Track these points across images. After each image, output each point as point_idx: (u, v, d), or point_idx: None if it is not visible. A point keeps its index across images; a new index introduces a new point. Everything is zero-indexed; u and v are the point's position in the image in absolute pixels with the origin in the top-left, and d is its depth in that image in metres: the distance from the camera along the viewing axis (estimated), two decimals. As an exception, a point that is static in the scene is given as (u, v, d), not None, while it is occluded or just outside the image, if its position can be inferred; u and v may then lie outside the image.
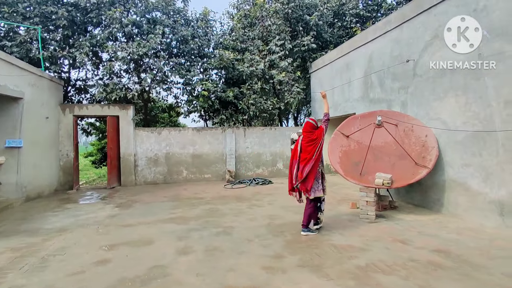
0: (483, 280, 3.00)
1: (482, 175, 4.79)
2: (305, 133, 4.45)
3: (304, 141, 4.41)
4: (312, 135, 4.40)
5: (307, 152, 4.34)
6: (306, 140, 4.40)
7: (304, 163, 4.33)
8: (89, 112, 9.38)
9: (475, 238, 4.18)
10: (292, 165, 4.52)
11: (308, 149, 4.34)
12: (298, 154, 4.41)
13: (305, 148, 4.37)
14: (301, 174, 4.33)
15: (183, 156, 10.06)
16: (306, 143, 4.39)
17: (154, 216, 5.66)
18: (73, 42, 9.21)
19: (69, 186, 8.97)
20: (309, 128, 4.45)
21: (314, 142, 4.37)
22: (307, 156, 4.32)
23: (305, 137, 4.43)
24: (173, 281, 3.09)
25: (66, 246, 4.12)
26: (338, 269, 3.28)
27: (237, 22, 12.74)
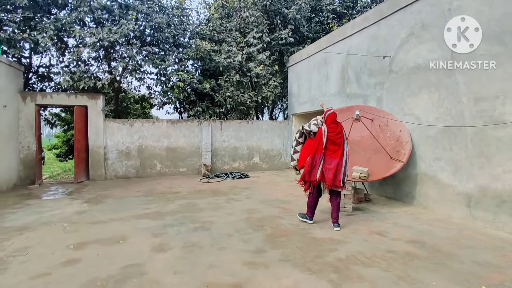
0: (457, 268, 3.12)
1: (452, 168, 5.02)
2: (331, 125, 4.36)
3: (333, 133, 4.31)
4: (337, 127, 4.37)
5: (337, 145, 4.28)
6: (335, 131, 4.32)
7: (339, 156, 4.27)
8: (54, 101, 8.72)
9: (445, 228, 4.38)
10: (315, 158, 4.35)
11: (338, 141, 4.29)
12: (323, 146, 4.28)
13: (335, 140, 4.29)
14: (339, 167, 4.26)
15: (157, 149, 9.70)
16: (336, 134, 4.31)
17: (127, 211, 5.38)
18: (35, 25, 8.46)
19: (30, 180, 8.32)
20: (335, 119, 4.41)
21: (341, 134, 4.36)
22: (338, 148, 4.28)
23: (332, 129, 4.33)
24: (150, 280, 2.92)
25: (29, 246, 3.78)
26: (320, 262, 3.28)
27: (214, 12, 12.41)
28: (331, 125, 4.37)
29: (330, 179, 4.26)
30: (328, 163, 4.30)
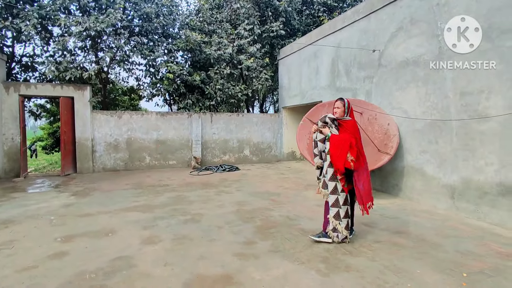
0: (440, 257, 3.23)
1: (437, 161, 5.15)
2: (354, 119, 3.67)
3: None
4: None
5: (360, 146, 3.56)
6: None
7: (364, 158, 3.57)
8: (39, 92, 8.48)
9: (430, 219, 4.51)
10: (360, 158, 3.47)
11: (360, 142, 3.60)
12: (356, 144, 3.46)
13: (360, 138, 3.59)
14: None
15: (146, 142, 9.58)
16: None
17: (115, 204, 5.32)
18: (17, 12, 8.15)
19: (15, 173, 8.13)
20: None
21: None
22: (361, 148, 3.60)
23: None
24: (139, 272, 2.91)
25: (14, 239, 3.71)
26: (309, 253, 3.33)
27: (205, 2, 12.19)
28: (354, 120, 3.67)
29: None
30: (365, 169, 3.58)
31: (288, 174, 8.40)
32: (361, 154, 3.49)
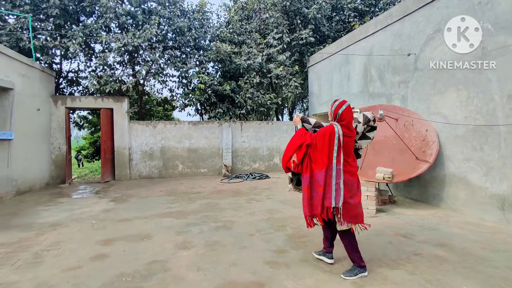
0: (489, 273, 2.97)
1: (483, 169, 4.78)
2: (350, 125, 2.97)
3: (350, 138, 2.95)
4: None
5: (349, 154, 2.94)
6: (349, 133, 2.93)
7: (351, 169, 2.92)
8: (82, 104, 9.14)
9: (476, 232, 4.17)
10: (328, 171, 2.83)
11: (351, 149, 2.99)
12: (335, 153, 2.83)
13: (348, 144, 2.92)
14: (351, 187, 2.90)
15: (179, 150, 9.91)
16: (349, 137, 2.93)
17: (151, 210, 5.53)
18: (65, 32, 8.92)
19: (61, 180, 8.76)
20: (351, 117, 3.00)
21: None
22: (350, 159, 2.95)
23: (349, 131, 2.93)
24: (174, 276, 2.99)
25: (61, 241, 3.97)
26: (343, 263, 3.22)
27: (234, 14, 12.53)
28: (348, 127, 2.92)
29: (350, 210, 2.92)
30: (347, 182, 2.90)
31: (319, 183, 8.23)
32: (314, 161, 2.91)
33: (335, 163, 2.82)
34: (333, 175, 2.81)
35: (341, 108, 2.93)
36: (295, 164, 2.98)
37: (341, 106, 2.94)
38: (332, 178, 2.81)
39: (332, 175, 2.81)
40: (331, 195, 2.80)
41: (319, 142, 2.89)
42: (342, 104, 2.95)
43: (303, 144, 2.94)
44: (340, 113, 2.93)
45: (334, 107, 2.98)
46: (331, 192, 2.80)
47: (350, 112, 2.95)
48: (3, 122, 6.79)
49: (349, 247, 2.97)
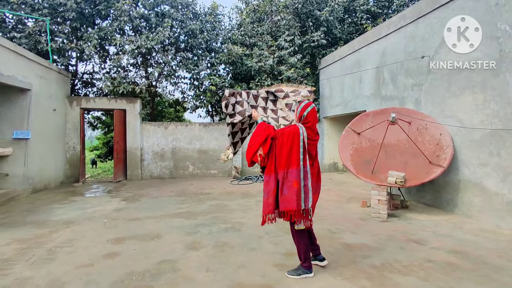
0: (505, 282, 2.87)
1: (499, 175, 4.64)
2: (314, 127, 2.95)
3: (313, 140, 2.93)
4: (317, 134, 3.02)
5: (312, 159, 2.94)
6: (315, 138, 2.95)
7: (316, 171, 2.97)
8: (96, 105, 9.34)
9: (492, 239, 4.05)
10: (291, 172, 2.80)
11: (314, 153, 2.96)
12: (301, 155, 2.79)
13: (312, 150, 2.92)
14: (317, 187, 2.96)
15: (190, 151, 9.99)
16: (314, 142, 2.94)
17: (161, 210, 5.59)
18: (81, 35, 9.16)
19: (75, 179, 8.96)
20: (316, 118, 2.99)
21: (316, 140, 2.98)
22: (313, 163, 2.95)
23: (312, 133, 2.92)
24: (183, 276, 3.00)
25: (74, 239, 4.06)
26: (353, 268, 3.17)
27: (246, 16, 12.59)
28: (313, 129, 2.92)
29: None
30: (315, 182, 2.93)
31: (330, 186, 8.16)
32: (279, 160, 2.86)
33: (302, 165, 2.79)
34: (301, 176, 2.78)
35: (306, 110, 2.90)
36: (262, 158, 2.93)
37: (306, 108, 2.91)
38: (301, 179, 2.78)
39: (300, 176, 2.78)
40: (300, 197, 2.77)
41: (284, 142, 2.84)
42: (307, 106, 2.92)
43: (267, 137, 2.90)
44: (306, 115, 2.90)
45: (300, 109, 2.95)
46: (301, 194, 2.77)
47: (315, 114, 2.93)
48: (20, 122, 7.01)
49: (303, 246, 2.94)
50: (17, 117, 6.99)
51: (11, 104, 6.97)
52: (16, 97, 6.99)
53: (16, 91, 6.91)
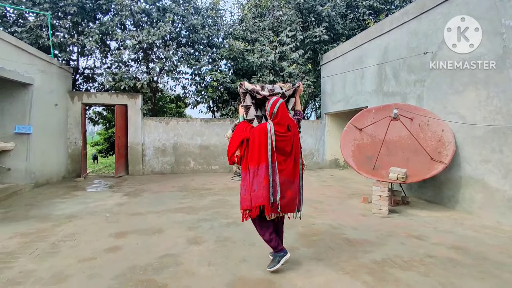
0: (506, 278, 2.88)
1: (502, 172, 4.64)
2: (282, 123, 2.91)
3: (283, 136, 2.89)
4: (291, 129, 2.96)
5: (287, 154, 2.92)
6: (287, 135, 2.91)
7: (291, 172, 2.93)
8: (98, 100, 9.33)
9: (493, 235, 4.06)
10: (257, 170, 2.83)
11: (288, 149, 2.91)
12: (269, 152, 2.81)
13: (284, 146, 2.90)
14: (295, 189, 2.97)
15: (191, 147, 10.00)
16: (286, 138, 2.91)
17: (163, 205, 5.62)
18: (82, 30, 9.12)
19: (76, 174, 8.99)
20: (287, 114, 2.98)
21: (293, 137, 2.96)
22: (288, 159, 2.93)
23: (281, 129, 2.89)
24: (185, 270, 3.03)
25: (76, 233, 4.08)
26: (354, 263, 3.19)
27: (248, 12, 12.52)
28: (281, 124, 2.89)
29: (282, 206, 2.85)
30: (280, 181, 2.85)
31: (331, 182, 8.17)
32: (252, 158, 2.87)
33: (270, 161, 2.82)
34: (269, 172, 2.81)
35: (276, 106, 2.91)
36: (239, 158, 2.99)
37: (275, 104, 2.91)
38: (269, 175, 2.80)
39: (269, 172, 2.80)
40: (269, 192, 2.79)
41: (254, 140, 2.87)
42: (275, 103, 2.92)
43: (244, 139, 2.93)
44: (275, 112, 2.90)
45: (269, 106, 2.95)
46: (269, 189, 2.79)
47: (284, 111, 2.93)
48: (22, 117, 7.01)
49: (268, 236, 2.97)
50: (19, 111, 7.00)
51: (13, 98, 6.97)
52: (18, 92, 6.99)
53: (17, 85, 6.90)
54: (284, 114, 2.93)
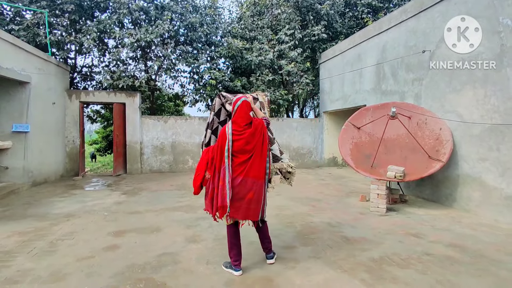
0: (503, 276, 2.90)
1: (499, 170, 4.66)
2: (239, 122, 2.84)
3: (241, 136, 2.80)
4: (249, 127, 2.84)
5: (248, 152, 2.80)
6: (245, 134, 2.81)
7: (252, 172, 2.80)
8: (96, 98, 9.30)
9: (490, 233, 4.08)
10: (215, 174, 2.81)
11: (249, 148, 2.79)
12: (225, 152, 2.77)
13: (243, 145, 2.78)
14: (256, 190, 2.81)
15: (189, 146, 9.99)
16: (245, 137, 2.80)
17: (161, 204, 5.61)
18: (80, 28, 9.08)
19: (74, 172, 8.96)
20: (247, 114, 2.87)
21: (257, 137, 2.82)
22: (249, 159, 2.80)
23: (239, 128, 2.82)
24: (183, 268, 3.03)
25: (74, 231, 4.08)
26: (352, 261, 3.20)
27: (246, 10, 12.49)
28: (239, 122, 2.82)
29: (241, 208, 2.77)
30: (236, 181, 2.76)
31: (329, 180, 8.19)
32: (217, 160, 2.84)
33: (227, 162, 2.76)
34: (226, 174, 2.74)
35: (236, 104, 2.86)
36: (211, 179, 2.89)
37: (236, 103, 2.87)
38: (226, 176, 2.73)
39: (225, 174, 2.74)
40: (225, 193, 2.72)
41: (218, 145, 2.85)
42: (237, 101, 2.87)
43: (208, 160, 2.90)
44: (236, 110, 2.85)
45: (232, 104, 2.93)
46: (225, 190, 2.72)
47: (242, 110, 2.84)
48: (19, 115, 6.98)
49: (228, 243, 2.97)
50: (16, 110, 6.97)
51: (10, 97, 6.94)
52: (15, 90, 6.95)
53: (15, 84, 6.87)
54: (242, 112, 2.83)
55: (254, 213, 2.83)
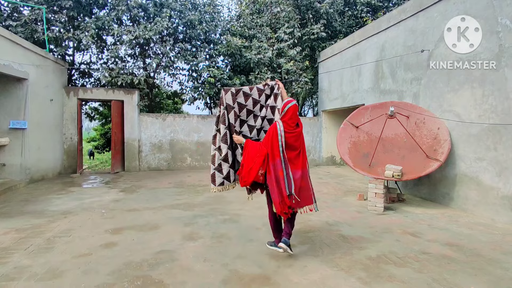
0: (498, 274, 2.92)
1: (496, 169, 4.68)
2: (291, 122, 3.18)
3: (292, 134, 3.16)
4: (298, 127, 3.25)
5: (296, 149, 3.20)
6: (295, 132, 3.19)
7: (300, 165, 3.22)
8: (94, 95, 9.27)
9: (487, 233, 4.10)
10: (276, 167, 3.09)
11: (297, 144, 3.20)
12: (280, 147, 3.08)
13: (293, 142, 3.17)
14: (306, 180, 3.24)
15: (188, 143, 9.98)
16: (295, 136, 3.20)
17: (159, 201, 5.61)
18: (78, 24, 9.02)
19: (72, 169, 8.93)
20: (296, 115, 3.23)
21: (301, 135, 3.29)
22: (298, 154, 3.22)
23: (290, 128, 3.17)
24: (181, 266, 3.03)
25: (72, 229, 4.07)
26: (349, 259, 3.21)
27: (245, 8, 12.46)
28: (290, 123, 3.16)
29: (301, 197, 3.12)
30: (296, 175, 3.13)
31: (327, 179, 8.20)
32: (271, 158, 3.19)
33: (282, 156, 3.09)
34: (283, 166, 3.08)
35: (287, 106, 3.19)
36: (263, 177, 3.17)
37: (286, 105, 3.20)
38: (283, 169, 3.08)
39: (282, 166, 3.08)
40: (284, 184, 3.05)
41: (268, 139, 3.15)
42: (288, 103, 3.19)
43: (265, 157, 3.13)
44: (286, 111, 3.19)
45: (282, 105, 3.26)
46: (284, 181, 3.05)
47: (291, 111, 3.16)
48: (17, 112, 6.94)
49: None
50: (13, 106, 6.93)
51: (8, 93, 6.90)
52: (13, 87, 6.91)
53: (12, 80, 6.83)
54: (294, 114, 3.18)
55: (309, 200, 3.24)
